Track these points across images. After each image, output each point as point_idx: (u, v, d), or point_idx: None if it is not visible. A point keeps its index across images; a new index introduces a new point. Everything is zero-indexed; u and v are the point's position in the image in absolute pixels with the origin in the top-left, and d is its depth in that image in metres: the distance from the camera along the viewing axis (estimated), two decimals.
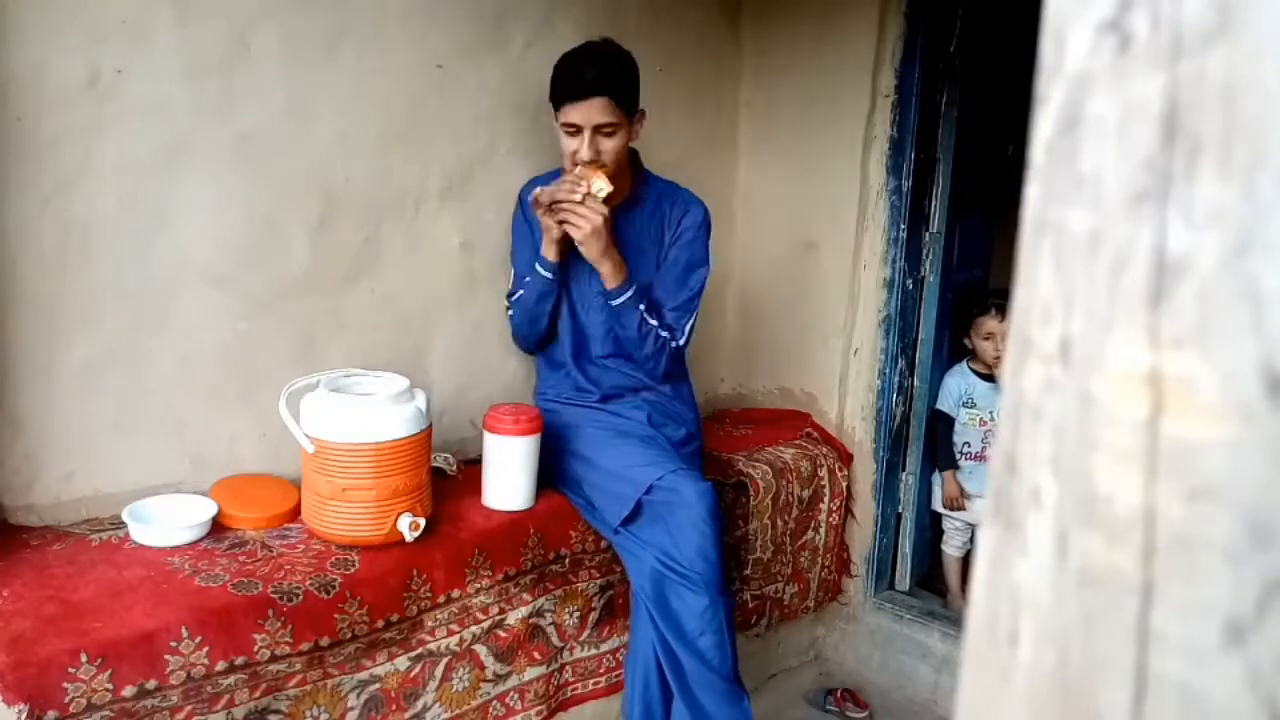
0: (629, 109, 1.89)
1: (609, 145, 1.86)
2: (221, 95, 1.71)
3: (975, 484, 2.57)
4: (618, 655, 1.97)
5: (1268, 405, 0.27)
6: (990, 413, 2.57)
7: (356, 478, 1.59)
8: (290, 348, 1.86)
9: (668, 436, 1.99)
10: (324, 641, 1.50)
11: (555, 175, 2.06)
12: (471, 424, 2.13)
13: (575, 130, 1.85)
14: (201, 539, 1.62)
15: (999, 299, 2.57)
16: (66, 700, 1.25)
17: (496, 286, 2.18)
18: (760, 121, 2.67)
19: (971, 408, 2.59)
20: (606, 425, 1.98)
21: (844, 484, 2.53)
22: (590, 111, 1.83)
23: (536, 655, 1.84)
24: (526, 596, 1.81)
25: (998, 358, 2.51)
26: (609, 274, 1.90)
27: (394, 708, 1.62)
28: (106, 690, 1.28)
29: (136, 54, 1.61)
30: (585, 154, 1.85)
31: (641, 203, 2.02)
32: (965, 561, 2.65)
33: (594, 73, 1.83)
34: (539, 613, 1.83)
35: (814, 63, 2.51)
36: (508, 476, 1.84)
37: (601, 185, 1.81)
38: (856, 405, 2.57)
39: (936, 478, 2.66)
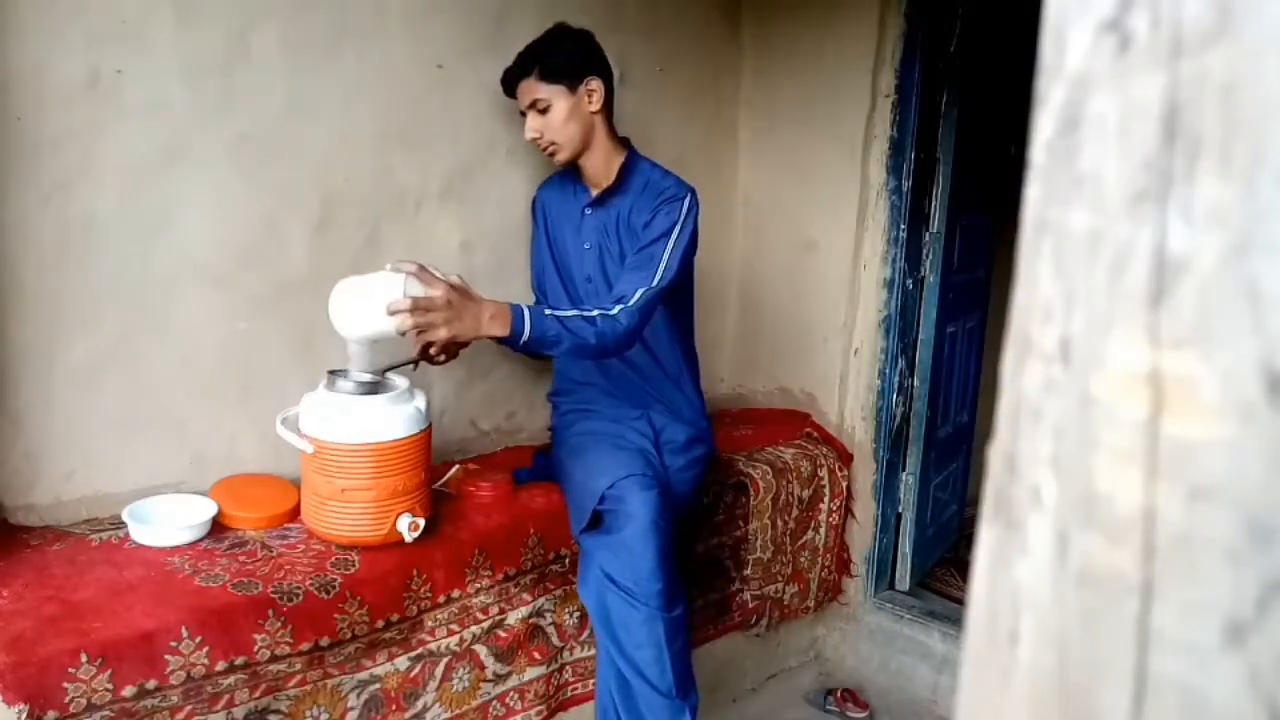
0: (562, 80, 1.90)
1: (545, 121, 1.92)
2: (221, 95, 1.71)
3: None
4: None
5: (1268, 405, 0.27)
6: None
7: (356, 478, 1.59)
8: (290, 348, 1.86)
9: (670, 439, 1.98)
10: (324, 641, 1.50)
11: (560, 178, 2.10)
12: (471, 424, 2.13)
13: (524, 115, 1.95)
14: (201, 539, 1.62)
15: None
16: (66, 700, 1.25)
17: (496, 286, 2.17)
18: (760, 121, 2.67)
19: None
20: (587, 431, 1.96)
21: (844, 484, 2.53)
22: (522, 95, 1.94)
23: (536, 655, 1.84)
24: (526, 596, 1.81)
25: None
26: (496, 330, 1.68)
27: (394, 708, 1.62)
28: (106, 690, 1.28)
29: (136, 54, 1.61)
30: (527, 134, 1.95)
31: (625, 190, 1.99)
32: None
33: (518, 60, 1.94)
34: (539, 613, 1.83)
35: (814, 63, 2.51)
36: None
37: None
38: (856, 405, 2.57)
39: None
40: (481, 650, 1.74)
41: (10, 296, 1.55)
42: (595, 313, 1.75)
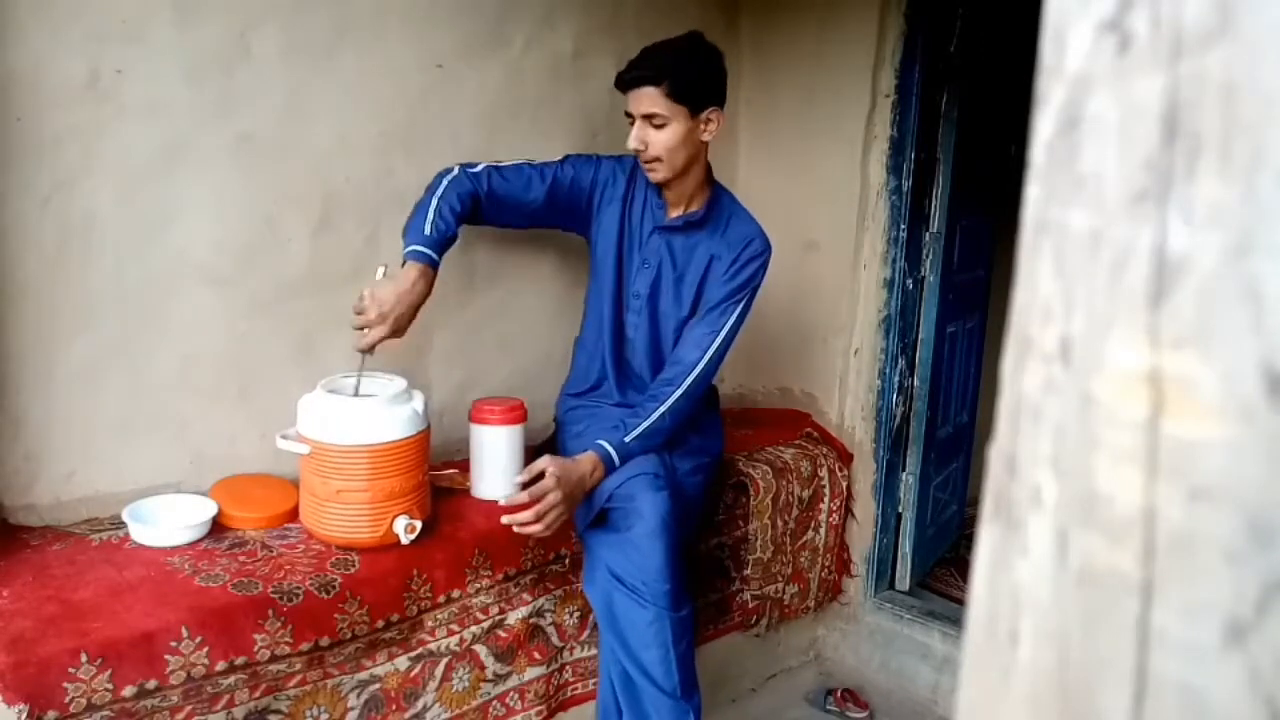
0: (687, 102, 1.83)
1: (655, 137, 1.83)
2: (221, 95, 1.71)
3: None
4: None
5: (1268, 405, 0.27)
6: None
7: (351, 480, 1.58)
8: (290, 348, 1.86)
9: (678, 444, 1.97)
10: (324, 641, 1.50)
11: (629, 177, 2.00)
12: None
13: (631, 120, 1.86)
14: (201, 539, 1.62)
15: None
16: (66, 700, 1.25)
17: (496, 286, 2.18)
18: (760, 121, 2.67)
19: None
20: (599, 428, 1.94)
21: (844, 484, 2.53)
22: (639, 101, 1.83)
23: (536, 655, 1.84)
24: (526, 596, 1.81)
25: None
26: (597, 479, 1.76)
27: (394, 708, 1.62)
28: (106, 690, 1.28)
29: (136, 54, 1.61)
30: (631, 142, 1.85)
31: (708, 222, 1.96)
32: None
33: (647, 63, 1.84)
34: (539, 613, 1.83)
35: (814, 63, 2.51)
36: (494, 466, 1.84)
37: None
38: (856, 405, 2.57)
39: None
40: (481, 650, 1.74)
41: (10, 296, 1.55)
42: (676, 396, 1.86)
